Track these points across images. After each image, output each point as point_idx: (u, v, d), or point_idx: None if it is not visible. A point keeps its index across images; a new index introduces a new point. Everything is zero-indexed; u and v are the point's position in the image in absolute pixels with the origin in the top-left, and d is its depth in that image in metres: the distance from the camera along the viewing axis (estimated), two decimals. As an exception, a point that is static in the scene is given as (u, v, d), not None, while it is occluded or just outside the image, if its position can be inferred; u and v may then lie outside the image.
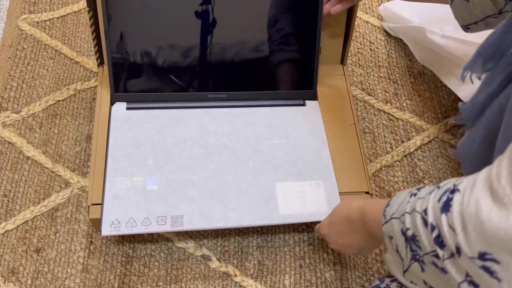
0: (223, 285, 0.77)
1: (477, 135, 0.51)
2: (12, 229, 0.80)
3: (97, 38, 0.80)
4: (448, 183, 0.42)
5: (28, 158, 0.86)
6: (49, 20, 1.04)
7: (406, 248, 0.46)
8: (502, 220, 0.33)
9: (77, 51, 1.00)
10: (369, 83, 1.01)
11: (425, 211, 0.42)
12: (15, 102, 0.92)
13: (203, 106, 0.83)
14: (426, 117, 0.98)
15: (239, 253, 0.80)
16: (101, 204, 0.72)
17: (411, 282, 0.49)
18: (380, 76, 1.02)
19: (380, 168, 0.91)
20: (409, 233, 0.45)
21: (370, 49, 1.06)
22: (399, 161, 0.92)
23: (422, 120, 0.97)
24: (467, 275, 0.38)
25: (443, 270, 0.41)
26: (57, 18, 1.04)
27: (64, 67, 0.97)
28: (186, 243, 0.80)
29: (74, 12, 1.05)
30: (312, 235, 0.82)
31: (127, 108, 0.81)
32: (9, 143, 0.88)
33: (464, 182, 0.40)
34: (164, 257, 0.79)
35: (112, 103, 0.82)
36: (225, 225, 0.72)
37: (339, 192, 0.76)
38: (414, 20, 0.97)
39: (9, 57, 0.98)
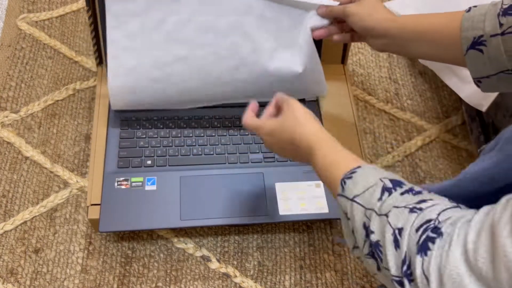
0: (223, 286, 0.77)
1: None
2: (10, 230, 0.79)
3: (96, 37, 0.80)
4: (431, 210, 0.40)
5: (26, 158, 0.86)
6: (48, 19, 1.03)
7: (365, 242, 0.44)
8: None
9: (76, 51, 0.99)
10: (370, 83, 1.01)
11: (400, 232, 0.40)
12: (14, 102, 0.92)
13: (203, 107, 0.83)
14: (427, 117, 0.97)
15: (239, 253, 0.80)
16: (100, 204, 0.72)
17: (358, 258, 0.48)
18: (381, 76, 1.02)
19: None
20: (374, 238, 0.43)
21: (371, 49, 1.06)
22: (400, 162, 0.91)
23: (423, 120, 0.97)
24: None
25: None
26: (56, 17, 1.04)
27: (63, 67, 0.97)
28: (186, 243, 0.80)
29: (73, 11, 1.05)
30: (312, 236, 0.82)
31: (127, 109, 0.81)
32: (8, 143, 0.87)
33: (447, 225, 0.38)
34: (164, 258, 0.78)
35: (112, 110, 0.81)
36: (224, 223, 0.73)
37: (340, 193, 0.76)
38: (415, 19, 0.96)
39: (8, 57, 0.97)
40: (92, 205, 0.72)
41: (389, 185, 0.45)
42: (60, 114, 0.91)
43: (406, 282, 0.39)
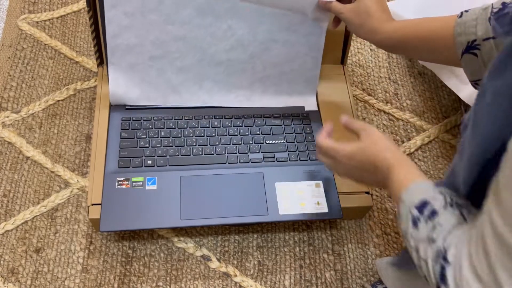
0: (223, 285, 0.77)
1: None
2: (11, 229, 0.79)
3: (96, 38, 0.80)
4: (438, 238, 0.44)
5: (27, 158, 0.86)
6: (49, 20, 1.03)
7: (411, 249, 0.48)
8: None
9: (76, 51, 1.00)
10: (369, 83, 1.01)
11: (426, 262, 0.45)
12: (15, 102, 0.92)
13: (201, 107, 0.83)
14: (427, 117, 0.98)
15: (239, 253, 0.80)
16: (101, 204, 0.72)
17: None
18: (380, 76, 1.02)
19: (380, 168, 0.91)
20: (415, 255, 0.47)
21: (370, 49, 1.06)
22: (399, 161, 0.92)
23: (422, 120, 0.97)
24: None
25: None
26: (57, 18, 1.04)
27: (63, 67, 0.97)
28: (186, 243, 0.80)
29: (74, 12, 1.05)
30: (312, 235, 0.82)
31: (126, 108, 0.81)
32: (9, 143, 0.87)
33: (451, 252, 0.42)
34: (164, 258, 0.79)
35: (111, 103, 0.82)
36: (224, 223, 0.73)
37: (339, 192, 0.76)
38: (414, 20, 0.97)
39: (9, 57, 0.97)
40: (92, 204, 0.72)
41: (416, 213, 0.48)
42: (61, 114, 0.92)
43: None
